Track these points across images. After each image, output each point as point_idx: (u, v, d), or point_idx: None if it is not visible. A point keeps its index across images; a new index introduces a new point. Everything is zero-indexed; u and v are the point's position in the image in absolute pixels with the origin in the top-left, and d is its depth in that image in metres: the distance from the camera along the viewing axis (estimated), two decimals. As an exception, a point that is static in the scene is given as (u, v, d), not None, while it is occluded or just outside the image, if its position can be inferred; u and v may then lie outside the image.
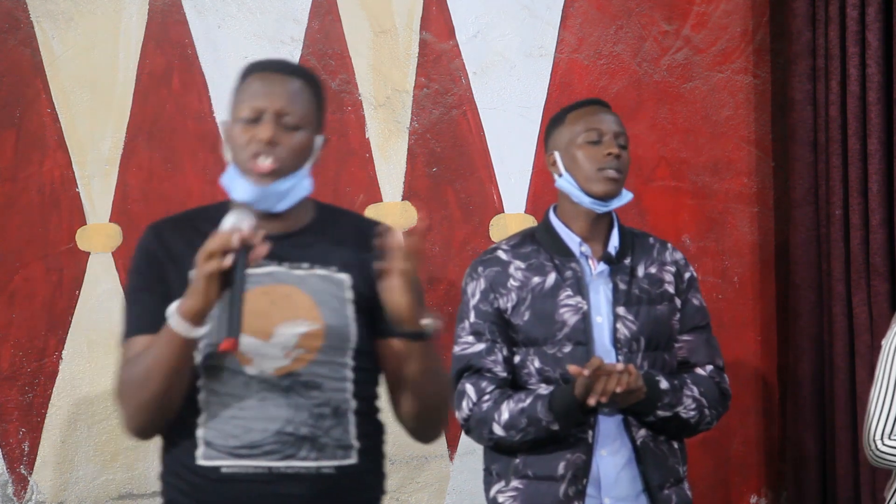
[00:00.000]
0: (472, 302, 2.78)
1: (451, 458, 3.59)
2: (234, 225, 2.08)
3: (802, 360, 3.73)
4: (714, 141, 3.87)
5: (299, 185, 2.25)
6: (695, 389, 2.77)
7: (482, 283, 2.78)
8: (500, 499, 2.77)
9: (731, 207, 3.88)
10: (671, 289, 2.82)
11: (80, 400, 3.31)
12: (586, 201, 2.76)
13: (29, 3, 3.29)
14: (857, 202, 3.58)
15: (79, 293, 3.32)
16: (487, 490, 2.82)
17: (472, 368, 2.75)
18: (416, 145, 3.58)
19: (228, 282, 2.04)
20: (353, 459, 2.22)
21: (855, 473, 3.56)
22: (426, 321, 2.15)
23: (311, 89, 2.26)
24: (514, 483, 2.75)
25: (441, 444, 3.58)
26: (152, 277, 2.18)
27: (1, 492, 3.24)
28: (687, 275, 2.87)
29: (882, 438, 2.82)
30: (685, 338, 2.84)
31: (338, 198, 3.50)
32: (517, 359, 2.75)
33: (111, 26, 3.36)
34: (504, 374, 2.74)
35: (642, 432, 2.74)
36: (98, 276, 3.34)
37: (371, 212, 3.53)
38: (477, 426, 2.74)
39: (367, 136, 3.55)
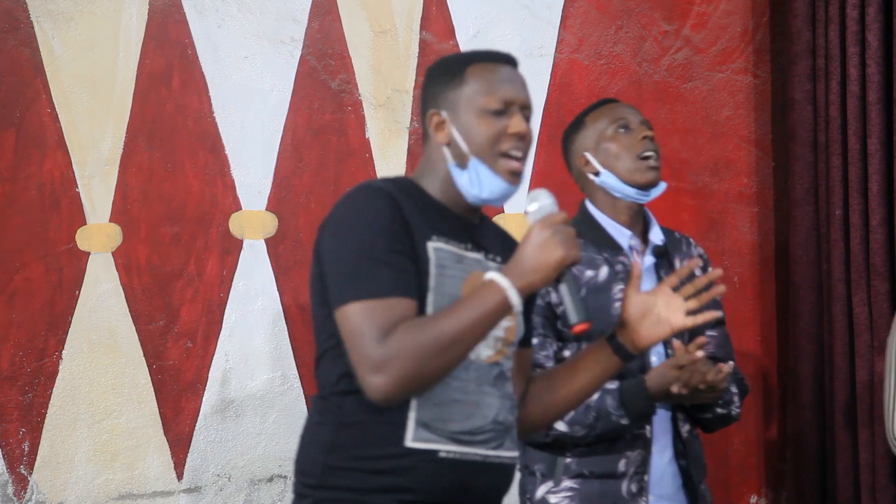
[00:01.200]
0: None
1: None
2: (548, 208, 2.09)
3: (802, 360, 3.73)
4: (714, 141, 3.87)
5: None
6: (734, 386, 2.80)
7: None
8: (553, 499, 2.72)
9: (731, 207, 3.88)
10: None
11: (80, 400, 3.31)
12: (631, 193, 2.76)
13: (29, 3, 3.29)
14: (857, 202, 3.58)
15: (79, 293, 3.32)
16: (530, 491, 2.77)
17: None
18: (416, 145, 3.58)
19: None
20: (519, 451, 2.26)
21: (855, 473, 3.56)
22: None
23: None
24: (567, 483, 2.72)
25: (441, 444, 3.58)
26: (404, 241, 2.06)
27: (1, 492, 3.24)
28: (710, 269, 2.89)
29: None
30: (711, 333, 2.86)
31: (338, 198, 3.49)
32: (566, 353, 2.73)
33: (111, 26, 3.36)
34: None
35: (686, 427, 2.75)
36: (98, 276, 3.34)
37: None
38: None
39: (367, 136, 3.55)
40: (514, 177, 2.15)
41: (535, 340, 2.71)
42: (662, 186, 2.82)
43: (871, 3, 3.57)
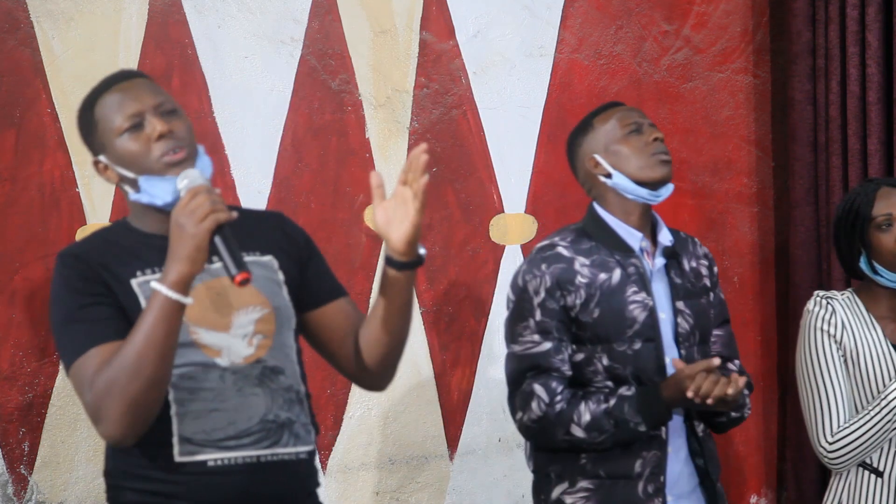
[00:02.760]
0: (537, 300, 2.71)
1: (451, 458, 3.59)
2: (195, 182, 2.10)
3: (802, 360, 3.73)
4: (714, 141, 3.87)
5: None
6: (745, 388, 2.80)
7: (547, 281, 2.72)
8: (569, 500, 2.71)
9: (731, 207, 3.88)
10: (708, 282, 2.86)
11: (80, 400, 3.30)
12: (643, 193, 2.75)
13: (29, 3, 3.28)
14: (857, 202, 3.58)
15: (79, 293, 3.32)
16: (546, 492, 2.76)
17: (538, 368, 2.69)
18: (416, 145, 3.57)
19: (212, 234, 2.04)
20: (314, 444, 2.26)
21: (855, 473, 3.56)
22: (420, 248, 2.18)
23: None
24: (583, 483, 2.71)
25: (441, 444, 3.58)
26: (96, 291, 2.15)
27: (1, 492, 3.24)
28: (715, 269, 2.91)
29: (826, 438, 2.85)
30: (717, 332, 2.86)
31: (338, 198, 3.50)
32: (580, 356, 2.71)
33: (111, 26, 3.36)
34: (569, 373, 2.71)
35: (701, 426, 2.75)
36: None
37: (371, 212, 3.53)
38: (551, 428, 2.68)
39: (367, 136, 3.55)
40: (174, 167, 2.16)
41: (549, 345, 2.70)
42: (671, 188, 2.82)
43: (871, 3, 3.57)
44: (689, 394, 2.55)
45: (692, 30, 3.85)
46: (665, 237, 2.79)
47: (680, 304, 2.75)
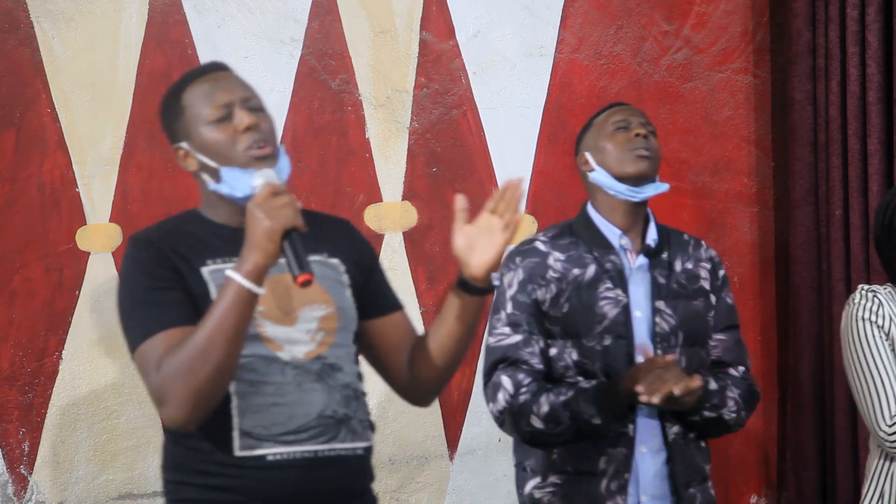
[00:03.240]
0: (510, 293, 2.74)
1: (451, 458, 3.59)
2: (270, 180, 2.11)
3: (802, 360, 3.73)
4: (714, 141, 3.87)
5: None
6: (735, 391, 2.78)
7: (520, 274, 2.74)
8: (538, 494, 2.73)
9: (731, 207, 3.88)
10: (707, 285, 2.83)
11: (80, 400, 3.31)
12: (622, 189, 2.75)
13: (29, 3, 3.28)
14: (857, 202, 3.58)
15: (79, 293, 3.32)
16: (521, 486, 2.78)
17: (507, 360, 2.71)
18: (416, 145, 3.58)
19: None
20: (371, 441, 2.27)
21: (855, 473, 3.56)
22: (493, 274, 2.21)
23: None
24: (552, 478, 2.72)
25: (441, 444, 3.58)
26: (167, 276, 2.16)
27: (1, 492, 3.24)
28: (721, 272, 2.88)
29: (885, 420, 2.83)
30: (719, 336, 2.84)
31: (338, 198, 3.50)
32: (553, 351, 2.72)
33: (111, 26, 3.36)
34: (540, 367, 2.71)
35: (675, 429, 2.73)
36: (98, 276, 3.34)
37: (371, 212, 3.53)
38: (514, 418, 2.70)
39: (367, 136, 3.55)
40: (261, 161, 2.17)
41: (519, 337, 2.72)
42: (662, 187, 2.81)
43: (871, 3, 3.57)
44: (638, 389, 2.56)
45: (692, 30, 3.85)
46: (650, 236, 2.79)
47: (660, 304, 2.74)
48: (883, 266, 2.97)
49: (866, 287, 2.93)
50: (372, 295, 2.32)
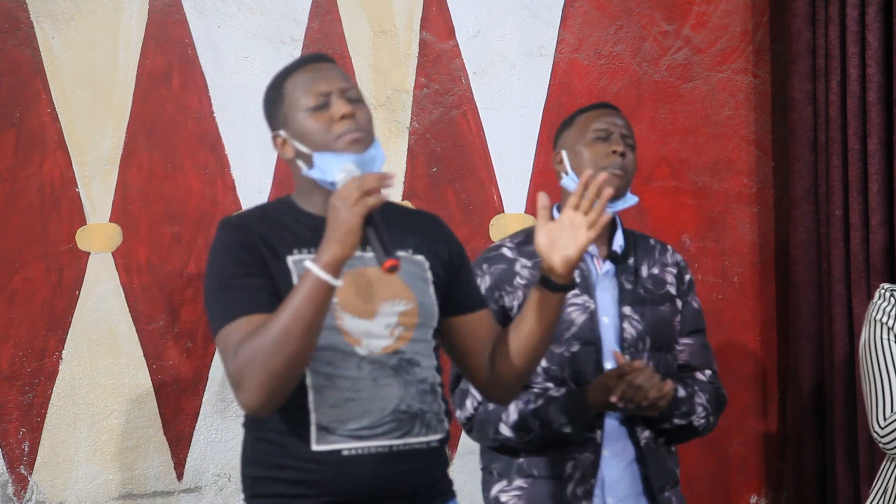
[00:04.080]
0: None
1: (451, 458, 3.59)
2: (353, 174, 2.13)
3: (802, 360, 3.73)
4: (714, 141, 3.87)
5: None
6: (703, 396, 2.78)
7: (487, 281, 2.76)
8: (504, 498, 2.75)
9: (731, 207, 3.88)
10: (673, 290, 2.82)
11: (80, 400, 3.31)
12: None
13: (29, 3, 3.28)
14: (857, 202, 3.58)
15: (79, 293, 3.32)
16: (487, 490, 2.80)
17: None
18: (416, 145, 3.58)
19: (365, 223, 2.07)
20: (446, 432, 2.29)
21: (855, 473, 3.56)
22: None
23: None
24: (518, 482, 2.73)
25: (441, 444, 3.58)
26: (253, 262, 2.18)
27: (1, 492, 3.24)
28: (687, 277, 2.87)
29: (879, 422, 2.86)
30: (686, 341, 2.84)
31: (338, 198, 3.50)
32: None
33: (111, 26, 3.36)
34: None
35: (646, 434, 2.73)
36: (98, 276, 3.34)
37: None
38: (481, 426, 2.72)
39: (367, 136, 3.54)
40: (356, 144, 2.20)
41: None
42: (631, 200, 2.78)
43: (871, 3, 3.57)
44: (613, 400, 2.58)
45: (692, 30, 3.85)
46: (616, 242, 2.79)
47: (627, 310, 2.74)
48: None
49: (887, 286, 2.95)
50: (457, 292, 2.33)
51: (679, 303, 2.83)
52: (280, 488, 2.19)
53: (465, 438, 3.56)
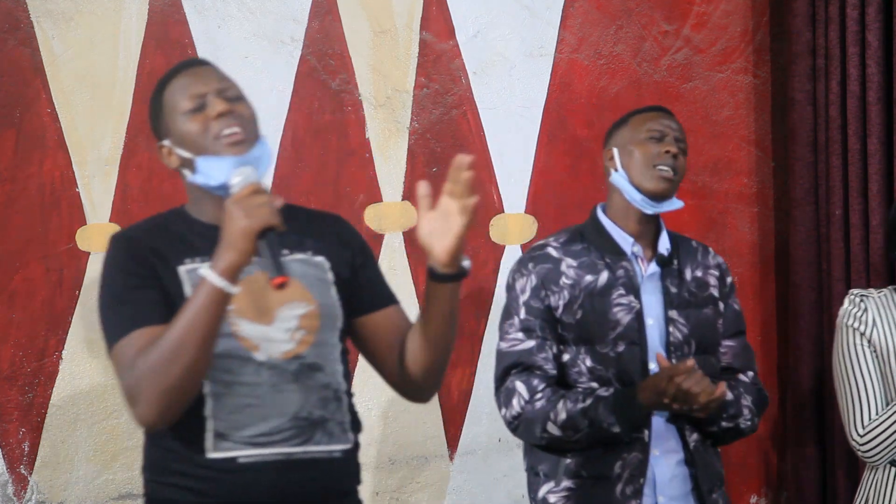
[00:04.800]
0: (523, 298, 2.75)
1: (451, 458, 3.59)
2: (248, 178, 2.09)
3: (802, 360, 3.73)
4: (714, 141, 3.87)
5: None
6: (748, 398, 2.79)
7: (533, 280, 2.75)
8: (552, 499, 2.74)
9: (731, 207, 3.88)
10: (715, 292, 2.84)
11: (80, 400, 3.31)
12: (637, 199, 2.76)
13: (29, 3, 3.28)
14: (857, 202, 3.58)
15: (79, 293, 3.32)
16: (534, 491, 2.78)
17: (521, 365, 2.71)
18: (416, 145, 3.58)
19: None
20: (351, 443, 2.24)
21: (855, 473, 3.56)
22: (464, 260, 2.16)
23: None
24: (566, 483, 2.72)
25: (441, 444, 3.58)
26: (145, 274, 2.15)
27: (1, 492, 3.24)
28: (729, 279, 2.89)
29: (857, 429, 2.86)
30: (728, 343, 2.86)
31: (338, 198, 3.50)
32: (566, 357, 2.73)
33: (111, 26, 3.36)
34: (553, 372, 2.72)
35: (695, 436, 2.74)
36: (98, 276, 3.33)
37: (371, 212, 3.53)
38: (529, 424, 2.70)
39: (367, 136, 3.55)
40: (236, 146, 2.16)
41: (532, 343, 2.72)
42: (677, 203, 2.80)
43: (871, 3, 3.57)
44: (666, 400, 2.57)
45: (692, 30, 3.85)
46: (662, 245, 2.79)
47: (673, 313, 2.75)
48: (888, 262, 2.99)
49: (856, 292, 2.95)
50: (361, 292, 2.30)
51: (721, 305, 2.85)
52: (176, 495, 2.15)
53: (463, 438, 3.57)
